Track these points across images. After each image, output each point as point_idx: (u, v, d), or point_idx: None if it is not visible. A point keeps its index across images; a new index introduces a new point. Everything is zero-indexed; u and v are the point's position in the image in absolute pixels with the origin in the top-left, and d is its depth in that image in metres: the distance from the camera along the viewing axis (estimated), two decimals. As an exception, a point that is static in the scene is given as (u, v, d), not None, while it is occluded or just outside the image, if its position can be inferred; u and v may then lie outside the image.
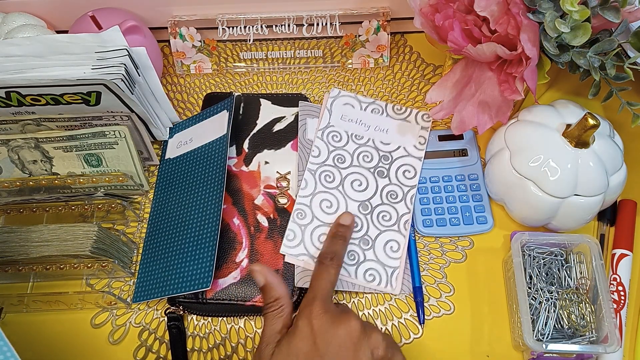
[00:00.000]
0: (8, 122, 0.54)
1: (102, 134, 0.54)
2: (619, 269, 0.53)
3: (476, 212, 0.56)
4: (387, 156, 0.58)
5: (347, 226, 0.52)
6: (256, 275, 0.46)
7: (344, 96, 0.62)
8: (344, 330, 0.42)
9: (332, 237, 0.51)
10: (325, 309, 0.43)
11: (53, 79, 0.49)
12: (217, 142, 0.57)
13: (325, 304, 0.44)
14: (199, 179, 0.56)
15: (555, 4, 0.45)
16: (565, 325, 0.49)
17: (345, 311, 0.45)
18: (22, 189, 0.56)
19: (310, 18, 0.64)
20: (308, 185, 0.56)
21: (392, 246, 0.54)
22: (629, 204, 0.56)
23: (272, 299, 0.45)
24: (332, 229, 0.52)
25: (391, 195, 0.56)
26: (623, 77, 0.46)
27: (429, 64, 0.67)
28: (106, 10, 0.60)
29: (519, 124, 0.53)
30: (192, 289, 0.49)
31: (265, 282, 0.45)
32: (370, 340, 0.42)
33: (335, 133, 0.59)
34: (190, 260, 0.51)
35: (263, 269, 0.46)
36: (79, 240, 0.50)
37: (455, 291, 0.54)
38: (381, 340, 0.43)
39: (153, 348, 0.52)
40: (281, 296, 0.45)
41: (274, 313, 0.45)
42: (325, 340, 0.42)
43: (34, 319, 0.53)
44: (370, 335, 0.43)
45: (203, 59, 0.67)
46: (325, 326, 0.42)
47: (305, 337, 0.42)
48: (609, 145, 0.50)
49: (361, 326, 0.42)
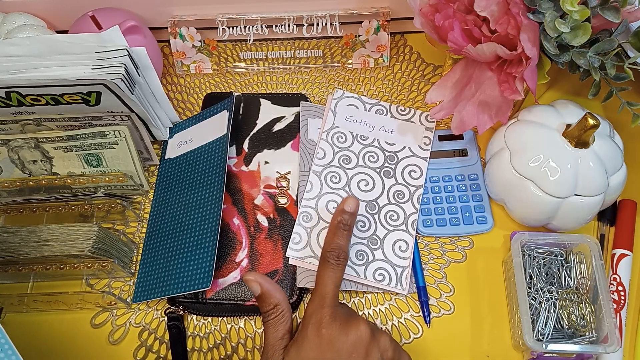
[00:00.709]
0: (8, 122, 0.54)
1: (102, 134, 0.54)
2: (619, 269, 0.53)
3: (476, 212, 0.56)
4: (392, 156, 0.58)
5: (351, 213, 0.47)
6: (251, 284, 0.45)
7: (347, 97, 0.62)
8: (354, 337, 0.42)
9: (335, 228, 0.47)
10: (334, 316, 0.43)
11: (53, 79, 0.49)
12: (217, 142, 0.57)
13: (333, 310, 0.43)
14: (199, 179, 0.56)
15: (555, 4, 0.45)
16: (565, 325, 0.49)
17: (352, 315, 0.44)
18: (22, 189, 0.56)
19: (310, 18, 0.64)
20: (313, 188, 0.56)
21: (400, 246, 0.54)
22: (629, 204, 0.56)
23: (271, 306, 0.45)
24: (335, 217, 0.47)
25: (398, 195, 0.56)
26: (623, 77, 0.46)
27: (429, 64, 0.67)
28: (106, 10, 0.60)
29: (519, 124, 0.53)
30: (192, 289, 0.49)
31: (262, 290, 0.45)
32: (380, 344, 0.42)
33: (341, 134, 0.59)
34: (190, 260, 0.51)
35: (257, 277, 0.45)
36: (79, 240, 0.50)
37: (455, 291, 0.54)
38: (389, 342, 0.43)
39: (153, 348, 0.52)
40: (280, 302, 0.45)
41: (275, 320, 0.44)
42: (336, 348, 0.41)
43: (34, 319, 0.53)
44: (379, 339, 0.43)
45: (203, 59, 0.67)
46: (335, 334, 0.42)
47: (316, 346, 0.42)
48: (609, 145, 0.50)
49: (370, 330, 0.42)
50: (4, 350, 0.35)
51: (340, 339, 0.42)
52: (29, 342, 0.52)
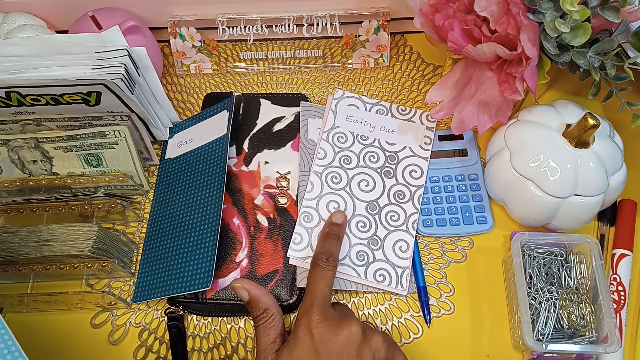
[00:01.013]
0: (8, 122, 0.54)
1: (102, 134, 0.54)
2: (619, 269, 0.53)
3: (476, 212, 0.56)
4: (393, 156, 0.58)
5: (340, 224, 0.51)
6: (239, 291, 0.45)
7: (348, 97, 0.62)
8: (345, 337, 0.42)
9: (325, 236, 0.50)
10: (324, 315, 0.43)
11: (53, 79, 0.49)
12: (217, 142, 0.57)
13: (324, 310, 0.43)
14: (199, 179, 0.56)
15: (555, 4, 0.45)
16: (565, 325, 0.49)
17: (344, 314, 0.44)
18: (22, 189, 0.56)
19: (310, 18, 0.64)
20: (314, 188, 0.56)
21: (401, 246, 0.54)
22: (629, 204, 0.56)
23: (261, 311, 0.45)
24: (325, 228, 0.51)
25: (399, 195, 0.56)
26: (623, 77, 0.46)
27: (429, 64, 0.67)
28: (106, 10, 0.60)
29: (519, 124, 0.53)
30: (192, 289, 0.49)
31: (250, 296, 0.45)
32: (372, 344, 0.42)
33: (341, 134, 0.59)
34: (190, 260, 0.51)
35: (244, 283, 0.45)
36: (79, 240, 0.50)
37: (455, 291, 0.54)
38: (382, 342, 0.43)
39: (153, 348, 0.52)
40: (269, 306, 0.45)
41: (265, 324, 0.44)
42: (327, 348, 0.41)
43: (34, 319, 0.53)
44: (371, 338, 0.42)
45: (203, 59, 0.67)
46: (325, 334, 0.42)
47: (307, 346, 0.42)
48: (609, 145, 0.50)
49: (362, 330, 0.42)
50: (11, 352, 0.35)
51: (331, 339, 0.42)
52: (29, 343, 0.52)
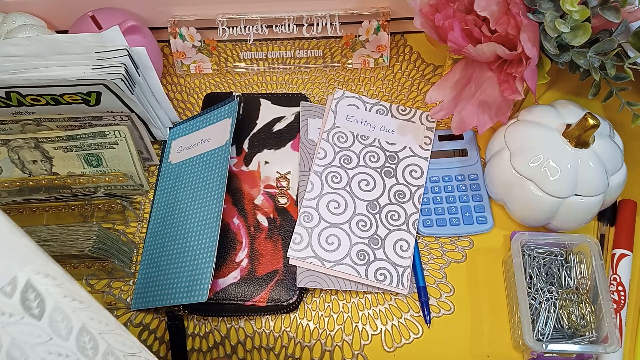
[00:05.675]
0: (8, 122, 0.54)
1: (102, 134, 0.54)
2: (619, 269, 0.53)
3: (476, 212, 0.56)
4: (393, 156, 0.58)
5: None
6: None
7: (348, 97, 0.62)
8: None
9: None
10: None
11: (53, 79, 0.49)
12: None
13: None
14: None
15: (555, 4, 0.45)
16: (565, 325, 0.49)
17: None
18: (22, 189, 0.56)
19: (310, 18, 0.64)
20: (314, 188, 0.56)
21: (401, 245, 0.54)
22: (629, 204, 0.56)
23: None
24: None
25: (399, 194, 0.56)
26: (623, 77, 0.46)
27: (429, 64, 0.67)
28: (106, 10, 0.60)
29: (519, 124, 0.53)
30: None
31: None
32: None
33: (341, 134, 0.59)
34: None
35: None
36: (79, 240, 0.50)
37: (455, 291, 0.54)
38: None
39: (153, 348, 0.52)
40: None
41: None
42: None
43: (34, 319, 0.53)
44: None
45: (203, 59, 0.67)
46: None
47: None
48: (609, 145, 0.50)
49: None
50: None
51: None
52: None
